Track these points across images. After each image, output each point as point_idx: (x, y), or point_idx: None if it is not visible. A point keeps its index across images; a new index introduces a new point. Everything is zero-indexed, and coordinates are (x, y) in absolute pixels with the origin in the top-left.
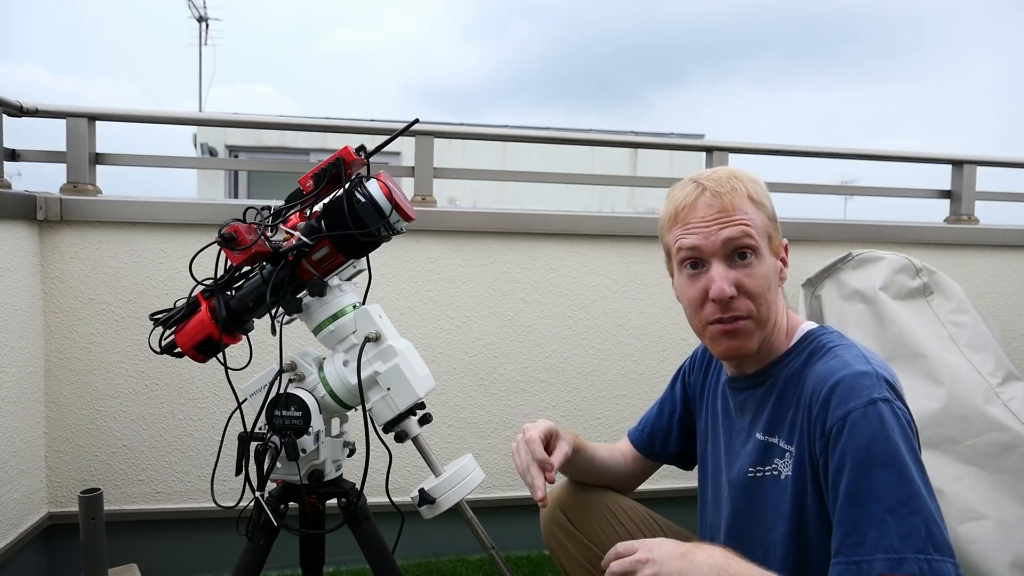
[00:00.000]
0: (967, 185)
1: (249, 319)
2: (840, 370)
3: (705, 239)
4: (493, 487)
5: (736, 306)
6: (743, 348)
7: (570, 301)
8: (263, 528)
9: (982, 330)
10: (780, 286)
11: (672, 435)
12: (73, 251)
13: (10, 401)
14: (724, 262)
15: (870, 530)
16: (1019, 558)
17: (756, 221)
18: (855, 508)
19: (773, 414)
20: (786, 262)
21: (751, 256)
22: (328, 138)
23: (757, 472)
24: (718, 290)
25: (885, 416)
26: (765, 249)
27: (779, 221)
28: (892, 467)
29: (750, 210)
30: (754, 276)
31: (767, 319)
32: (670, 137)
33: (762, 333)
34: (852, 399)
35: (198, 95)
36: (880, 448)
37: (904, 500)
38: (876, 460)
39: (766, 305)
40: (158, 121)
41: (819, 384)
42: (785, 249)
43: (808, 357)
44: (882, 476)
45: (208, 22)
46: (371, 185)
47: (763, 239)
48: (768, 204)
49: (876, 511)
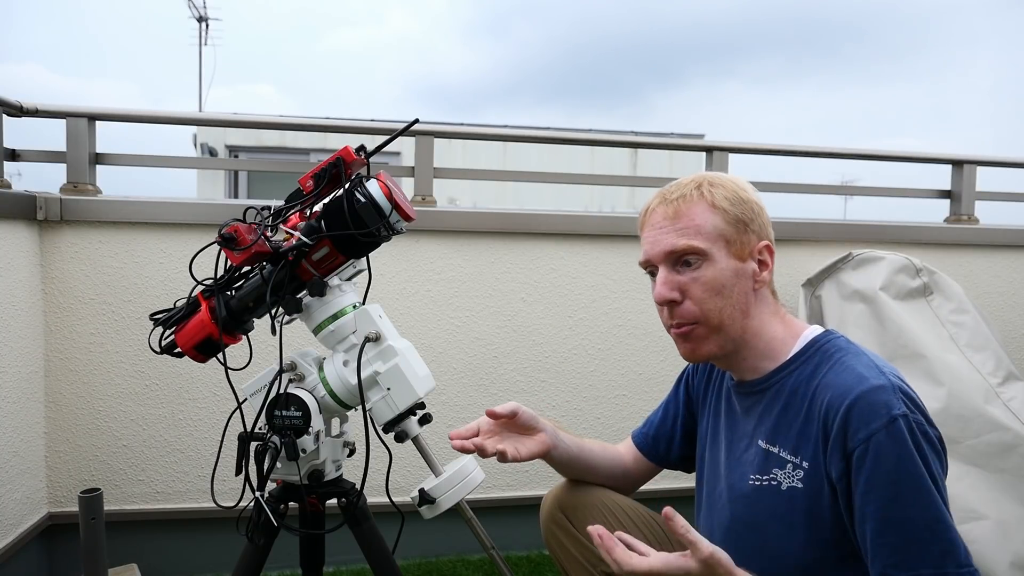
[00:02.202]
0: (967, 185)
1: (249, 319)
2: (856, 386)
3: (652, 247)
4: (493, 487)
5: (680, 312)
6: (697, 352)
7: (570, 301)
8: (263, 528)
9: (982, 330)
10: (756, 289)
11: (676, 439)
12: (73, 251)
13: (10, 401)
14: (671, 267)
15: (910, 549)
16: (1019, 558)
17: (705, 226)
18: (890, 530)
19: (777, 423)
20: (768, 263)
21: (697, 262)
22: (328, 138)
23: (758, 480)
24: (657, 295)
25: (907, 434)
26: (719, 253)
27: (779, 221)
28: (920, 487)
29: (700, 216)
30: (699, 280)
31: (720, 324)
32: (670, 137)
33: (719, 337)
34: (873, 420)
35: (198, 95)
36: (907, 470)
37: (937, 518)
38: (904, 482)
39: (716, 310)
40: (158, 121)
41: (835, 401)
42: (768, 251)
43: (816, 367)
44: (913, 496)
45: (208, 22)
46: (371, 185)
47: (715, 243)
48: (730, 207)
49: (913, 531)
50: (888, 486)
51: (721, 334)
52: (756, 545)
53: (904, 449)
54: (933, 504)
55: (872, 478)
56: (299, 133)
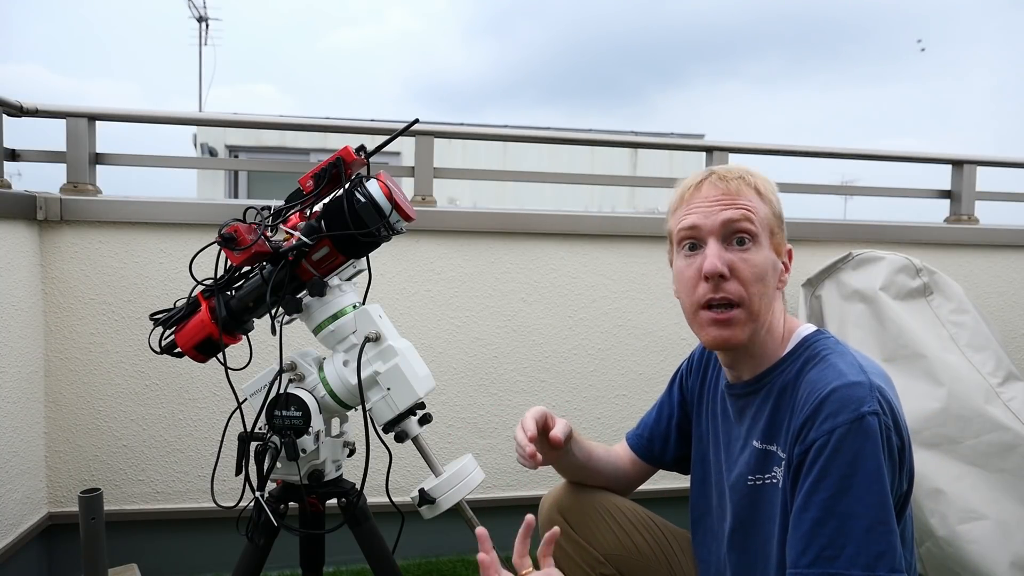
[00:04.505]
0: (967, 185)
1: (249, 319)
2: (833, 380)
3: (705, 218)
4: (493, 487)
5: (727, 288)
6: (732, 338)
7: (570, 301)
8: (263, 528)
9: (982, 330)
10: (779, 288)
11: (671, 440)
12: (73, 251)
13: (10, 401)
14: (721, 243)
15: (847, 545)
16: (1019, 558)
17: (759, 211)
18: (832, 522)
19: (770, 422)
20: (788, 267)
21: (749, 242)
22: (328, 138)
23: (756, 480)
24: (711, 265)
25: (872, 432)
26: (765, 241)
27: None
28: (873, 486)
29: (755, 200)
30: (749, 262)
31: (758, 312)
32: (670, 137)
33: (753, 326)
34: (841, 412)
35: (198, 95)
36: (865, 467)
37: (882, 520)
38: (859, 478)
39: (759, 296)
40: (158, 121)
41: (811, 394)
42: (789, 254)
43: (803, 365)
44: (863, 495)
45: (208, 22)
46: (371, 185)
47: (764, 230)
48: (775, 202)
49: (855, 527)
50: (841, 479)
51: (755, 323)
52: (758, 545)
53: (866, 446)
54: (881, 505)
55: (827, 468)
56: (299, 133)
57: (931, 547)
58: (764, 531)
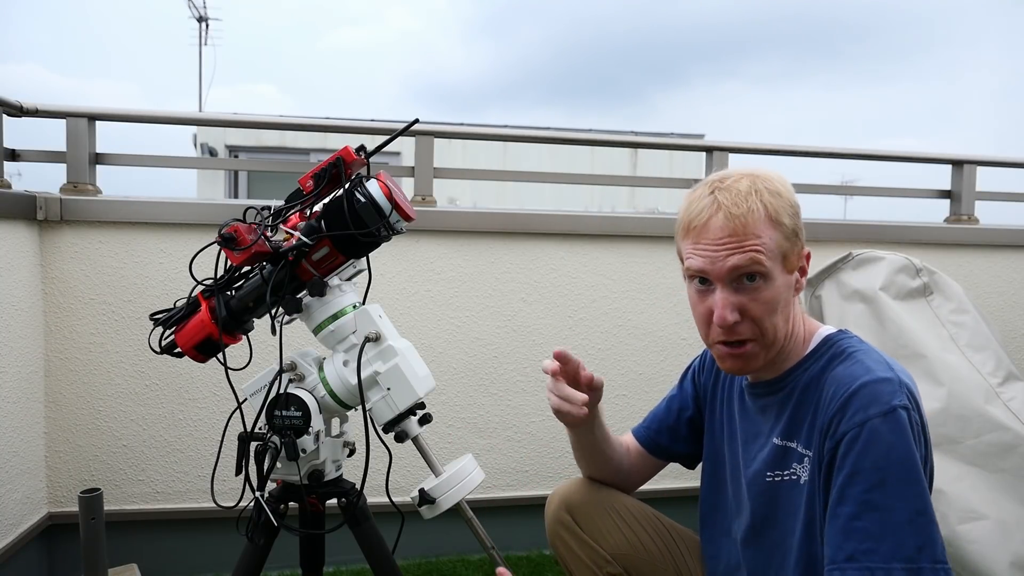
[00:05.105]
0: (967, 185)
1: (249, 319)
2: (862, 375)
3: (712, 264)
4: (493, 487)
5: (739, 330)
6: (747, 368)
7: (570, 301)
8: (263, 528)
9: (982, 330)
10: (796, 294)
11: (680, 434)
12: (73, 251)
13: (10, 401)
14: (729, 287)
15: (887, 537)
16: (1019, 558)
17: (770, 244)
18: (870, 515)
19: (792, 419)
20: (805, 271)
21: (759, 280)
22: (328, 138)
23: (776, 476)
24: (719, 318)
25: (905, 425)
26: (778, 271)
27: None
28: (909, 477)
29: (765, 232)
30: (759, 300)
31: (773, 340)
32: (670, 137)
33: (768, 353)
34: (872, 406)
35: (198, 95)
36: (899, 458)
37: (921, 511)
38: (894, 470)
39: (773, 328)
40: (158, 121)
41: (839, 388)
42: (807, 257)
43: (828, 362)
44: (900, 486)
45: (208, 22)
46: (371, 185)
47: (776, 261)
48: (788, 220)
49: (894, 520)
50: (875, 471)
51: (771, 350)
52: (776, 540)
53: (899, 438)
54: (918, 496)
55: (860, 461)
56: (299, 133)
57: None
58: (782, 527)
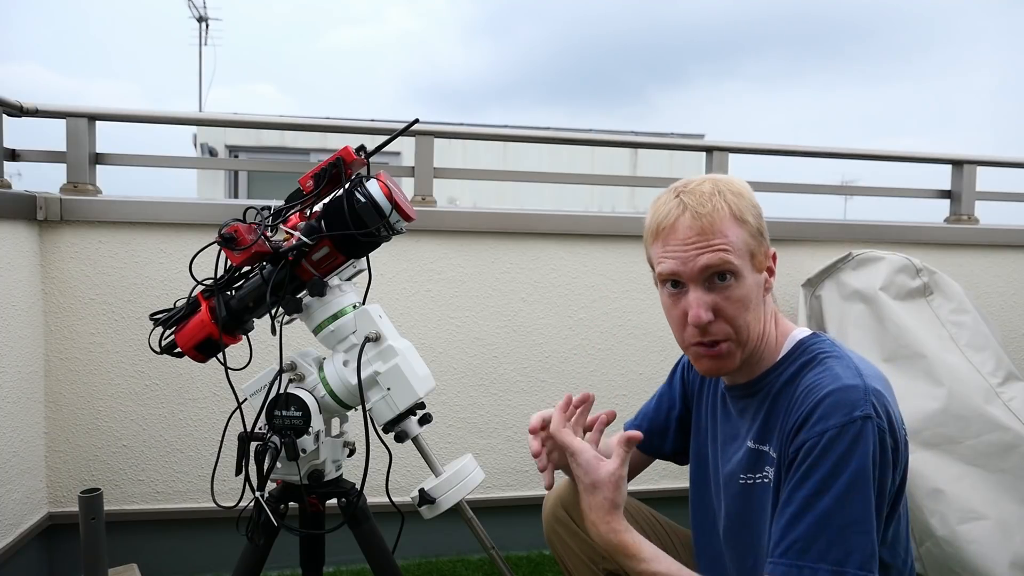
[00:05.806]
0: (967, 185)
1: (249, 319)
2: (829, 384)
3: (683, 264)
4: (493, 487)
5: (714, 330)
6: (724, 368)
7: (570, 301)
8: (263, 528)
9: (982, 330)
10: (765, 295)
11: (670, 432)
12: (73, 251)
13: (10, 401)
14: (702, 287)
15: (819, 539)
16: (1019, 558)
17: (736, 242)
18: (809, 516)
19: (764, 423)
20: (772, 271)
21: (730, 278)
22: (328, 138)
23: (749, 480)
24: (695, 317)
25: (862, 436)
26: (747, 268)
27: (779, 221)
28: (855, 487)
29: (731, 231)
30: (732, 299)
31: (747, 338)
32: (670, 137)
33: (744, 351)
34: (834, 415)
35: (198, 95)
36: (848, 468)
37: (858, 520)
38: (842, 478)
39: (746, 325)
40: (158, 121)
41: (807, 397)
42: (773, 258)
43: (800, 368)
44: (844, 494)
45: (208, 22)
46: (371, 185)
47: (744, 259)
48: (752, 219)
49: (831, 524)
50: (824, 478)
51: (746, 347)
52: (749, 541)
53: (853, 449)
54: (859, 506)
55: (812, 468)
56: (299, 133)
57: (931, 547)
58: (755, 529)
